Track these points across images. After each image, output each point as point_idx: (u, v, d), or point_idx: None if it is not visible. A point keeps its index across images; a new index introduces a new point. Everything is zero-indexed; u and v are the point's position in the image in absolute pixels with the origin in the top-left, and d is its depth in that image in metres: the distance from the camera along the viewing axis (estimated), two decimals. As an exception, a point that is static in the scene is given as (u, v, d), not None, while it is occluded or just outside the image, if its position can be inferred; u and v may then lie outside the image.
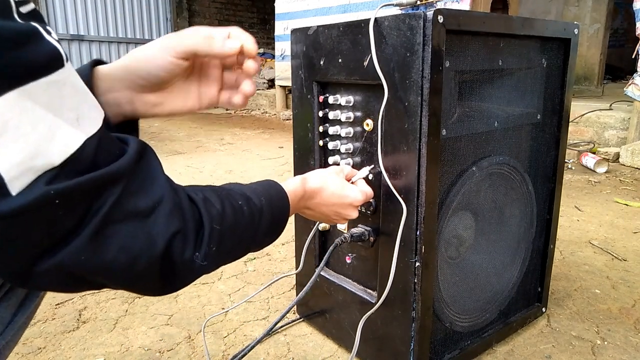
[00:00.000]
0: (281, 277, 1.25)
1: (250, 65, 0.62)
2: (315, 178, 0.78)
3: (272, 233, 0.64)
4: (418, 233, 0.85)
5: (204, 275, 0.54)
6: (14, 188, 0.38)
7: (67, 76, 0.42)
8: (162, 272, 0.47)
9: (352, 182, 0.88)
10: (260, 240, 0.62)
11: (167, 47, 0.58)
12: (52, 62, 0.40)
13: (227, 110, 6.70)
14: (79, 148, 0.41)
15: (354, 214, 0.82)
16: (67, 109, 0.41)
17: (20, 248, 0.40)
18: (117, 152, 0.44)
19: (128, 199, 0.44)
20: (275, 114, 5.87)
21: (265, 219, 0.61)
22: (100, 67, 0.60)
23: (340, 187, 0.80)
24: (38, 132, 0.38)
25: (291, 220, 1.13)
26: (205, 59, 0.64)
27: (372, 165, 0.92)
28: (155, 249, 0.45)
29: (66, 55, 0.42)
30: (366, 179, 0.90)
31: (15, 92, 0.37)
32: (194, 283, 1.41)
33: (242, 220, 0.57)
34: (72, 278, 0.43)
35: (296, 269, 1.16)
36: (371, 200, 0.93)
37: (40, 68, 0.39)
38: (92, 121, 0.43)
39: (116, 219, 0.43)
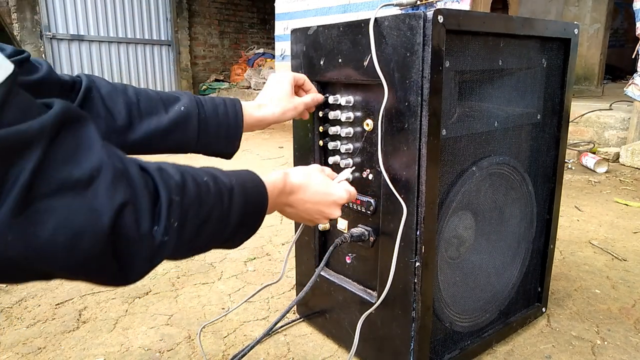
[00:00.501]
0: (263, 287, 1.22)
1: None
2: (298, 173, 0.75)
3: (246, 223, 0.59)
4: (418, 233, 0.85)
5: (203, 276, 0.53)
6: None
7: None
8: (115, 252, 0.41)
9: None
10: (234, 228, 0.56)
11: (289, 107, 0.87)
12: None
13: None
14: None
15: (337, 213, 0.79)
16: None
17: None
18: (35, 113, 0.39)
19: (56, 168, 0.38)
20: (275, 114, 5.86)
21: (236, 201, 0.55)
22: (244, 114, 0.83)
23: (324, 185, 0.77)
24: None
25: (290, 219, 1.13)
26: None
27: (353, 167, 0.93)
28: (100, 224, 0.39)
29: None
30: (348, 180, 0.88)
31: None
32: (194, 282, 1.41)
33: (207, 196, 0.51)
34: (8, 268, 0.38)
35: (295, 264, 1.16)
36: (371, 200, 0.93)
37: None
38: None
39: (46, 191, 0.37)
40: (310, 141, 1.04)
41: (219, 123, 0.81)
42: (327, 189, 0.77)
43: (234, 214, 0.55)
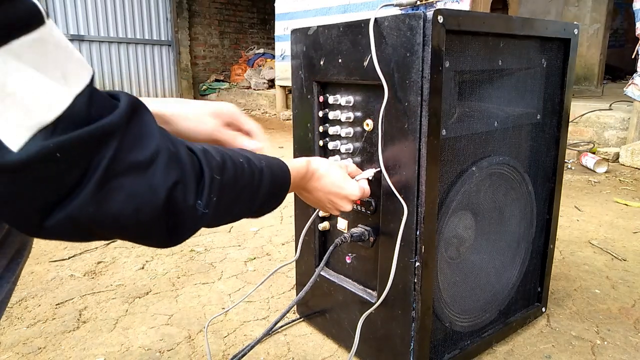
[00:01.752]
0: (282, 267, 1.25)
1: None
2: (320, 163, 0.82)
3: (272, 198, 0.67)
4: (418, 233, 0.85)
5: (203, 276, 0.54)
6: (13, 145, 0.39)
7: (49, 33, 0.42)
8: (167, 221, 0.48)
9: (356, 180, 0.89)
10: (261, 202, 0.64)
11: (210, 123, 0.78)
12: (32, 18, 0.40)
13: (227, 110, 6.68)
14: (69, 105, 0.41)
15: (348, 207, 0.85)
16: (53, 67, 0.41)
17: (31, 202, 0.41)
18: (109, 108, 0.45)
19: (126, 153, 0.45)
20: (275, 114, 5.87)
21: (265, 181, 0.63)
22: None
23: (341, 179, 0.83)
24: (27, 91, 0.39)
25: (291, 219, 1.12)
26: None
27: (378, 169, 0.92)
28: (158, 199, 0.46)
29: (46, 11, 0.42)
30: (368, 179, 0.91)
31: None
32: (194, 282, 1.42)
33: (242, 176, 0.59)
34: (82, 229, 0.45)
35: (295, 255, 1.16)
36: (371, 200, 0.93)
37: (22, 26, 0.39)
38: (79, 78, 0.43)
39: (118, 172, 0.44)
40: (310, 141, 1.05)
41: None
42: (342, 182, 0.83)
43: (262, 191, 0.63)
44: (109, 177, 0.44)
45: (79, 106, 0.42)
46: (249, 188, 0.61)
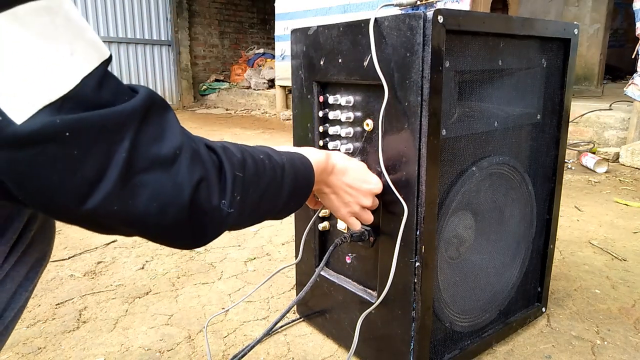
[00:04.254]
0: (283, 268, 1.25)
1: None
2: (339, 156, 0.79)
3: (297, 195, 0.64)
4: (418, 233, 0.85)
5: (203, 276, 0.54)
6: (16, 118, 0.36)
7: (60, 4, 0.38)
8: (193, 221, 0.46)
9: None
10: (286, 199, 0.62)
11: None
12: None
13: (227, 110, 6.70)
14: (78, 84, 0.39)
15: (369, 203, 0.82)
16: (61, 41, 0.38)
17: (52, 187, 0.39)
18: (125, 96, 0.43)
19: (147, 146, 0.42)
20: (275, 114, 5.87)
21: (288, 177, 0.61)
22: None
23: (363, 171, 0.81)
24: (31, 62, 0.36)
25: (291, 219, 1.13)
26: None
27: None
28: (183, 198, 0.44)
29: None
30: None
31: (1, 16, 0.34)
32: (194, 282, 1.42)
33: (264, 173, 0.56)
34: (104, 226, 0.43)
35: (296, 258, 1.16)
36: (371, 200, 0.93)
37: None
38: (88, 58, 0.40)
39: (141, 167, 0.42)
40: (310, 141, 1.04)
41: None
42: (365, 175, 0.81)
43: (286, 188, 0.61)
44: (132, 173, 0.41)
45: (88, 88, 0.39)
46: (272, 185, 0.58)
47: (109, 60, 0.43)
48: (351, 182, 0.79)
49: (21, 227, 0.55)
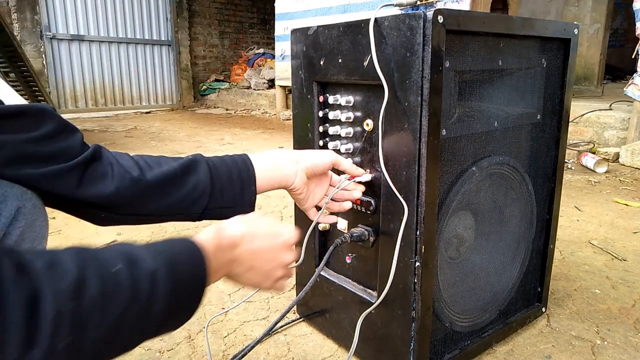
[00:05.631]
0: None
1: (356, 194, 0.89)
2: (234, 223, 0.63)
3: (180, 304, 0.49)
4: (418, 233, 0.85)
5: None
6: None
7: None
8: None
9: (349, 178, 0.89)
10: (162, 318, 0.46)
11: (304, 168, 0.82)
12: None
13: (227, 110, 6.70)
14: None
15: (290, 257, 0.68)
16: None
17: None
18: None
19: None
20: (275, 114, 5.87)
21: (162, 287, 0.45)
22: (256, 169, 0.77)
23: (271, 226, 0.66)
24: None
25: (291, 219, 1.12)
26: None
27: (369, 173, 0.93)
28: None
29: None
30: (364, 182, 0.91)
31: None
32: (194, 283, 1.42)
33: (117, 293, 0.41)
34: None
35: (296, 262, 1.16)
36: (371, 200, 0.93)
37: None
38: None
39: None
40: (310, 141, 1.04)
41: (230, 167, 0.76)
42: (274, 229, 0.66)
43: (159, 303, 0.45)
44: None
45: None
46: (134, 307, 0.42)
47: None
48: (264, 245, 0.64)
49: (8, 223, 0.54)
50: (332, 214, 0.94)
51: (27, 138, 0.56)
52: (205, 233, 0.57)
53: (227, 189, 0.74)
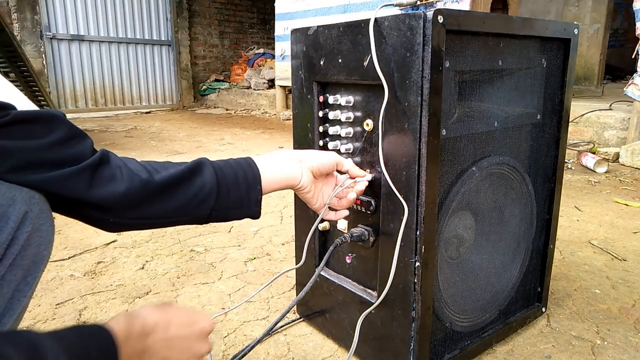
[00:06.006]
0: (283, 273, 1.25)
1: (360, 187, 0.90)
2: (151, 311, 0.60)
3: None
4: (418, 233, 0.85)
5: (203, 276, 0.47)
6: None
7: None
8: None
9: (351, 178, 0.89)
10: None
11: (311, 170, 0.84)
12: None
13: (227, 110, 6.70)
14: None
15: (206, 347, 0.65)
16: None
17: None
18: None
19: None
20: (275, 114, 5.87)
21: None
22: (260, 169, 0.78)
23: (187, 314, 0.64)
24: None
25: (291, 219, 1.12)
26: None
27: (369, 174, 0.93)
28: None
29: None
30: (350, 186, 0.90)
31: None
32: (194, 282, 1.41)
33: None
34: None
35: (296, 263, 1.16)
36: (371, 200, 0.93)
37: None
38: None
39: None
40: (310, 141, 1.05)
41: (235, 168, 0.77)
42: (190, 317, 0.64)
43: None
44: None
45: None
46: None
47: None
48: (178, 333, 0.60)
49: (16, 228, 0.54)
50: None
51: (39, 144, 0.56)
52: (116, 320, 0.54)
53: (233, 189, 0.75)
